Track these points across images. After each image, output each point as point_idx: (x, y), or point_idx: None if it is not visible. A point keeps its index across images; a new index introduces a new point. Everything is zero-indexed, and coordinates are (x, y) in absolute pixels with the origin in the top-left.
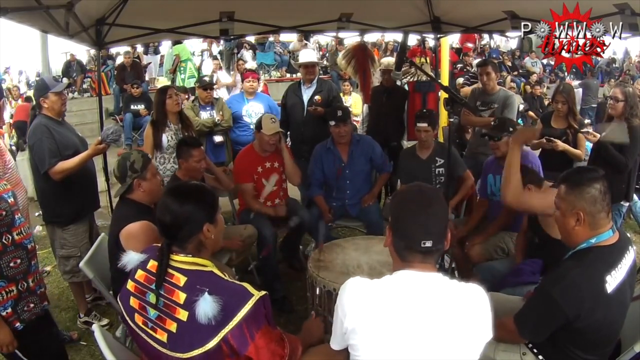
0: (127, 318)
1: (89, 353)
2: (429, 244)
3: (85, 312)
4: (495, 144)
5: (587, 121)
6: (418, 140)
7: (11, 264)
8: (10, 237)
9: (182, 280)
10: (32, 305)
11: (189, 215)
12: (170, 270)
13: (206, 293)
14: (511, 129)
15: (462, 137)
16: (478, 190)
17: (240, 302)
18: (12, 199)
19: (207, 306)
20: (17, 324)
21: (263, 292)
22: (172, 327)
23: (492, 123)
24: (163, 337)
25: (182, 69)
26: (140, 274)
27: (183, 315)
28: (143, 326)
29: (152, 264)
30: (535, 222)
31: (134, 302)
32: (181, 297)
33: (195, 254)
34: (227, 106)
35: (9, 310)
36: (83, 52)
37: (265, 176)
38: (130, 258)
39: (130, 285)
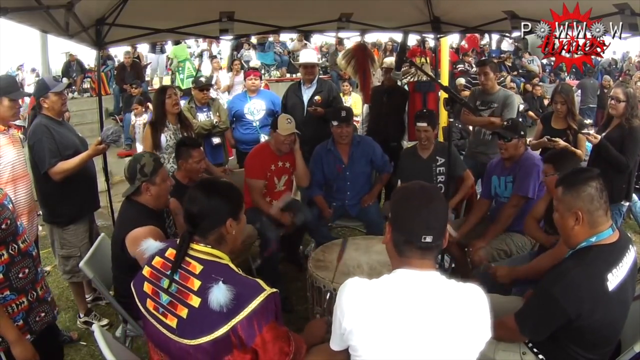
0: (139, 304)
1: (88, 353)
2: (429, 239)
3: (85, 312)
4: (504, 145)
5: (588, 121)
6: (418, 140)
7: (20, 275)
8: (16, 247)
9: (198, 268)
10: (43, 314)
11: (214, 208)
12: (188, 259)
13: (221, 282)
14: (522, 133)
15: (467, 129)
16: (480, 191)
17: (253, 294)
18: (11, 205)
19: (220, 294)
20: (27, 336)
21: (274, 289)
22: (183, 312)
23: (505, 123)
24: (173, 322)
25: (180, 69)
26: (157, 260)
27: (195, 301)
28: (154, 311)
29: (171, 252)
30: (551, 215)
31: (147, 287)
32: (196, 284)
33: (215, 246)
34: (223, 107)
35: (20, 322)
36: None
37: (277, 175)
38: (150, 245)
39: (146, 270)
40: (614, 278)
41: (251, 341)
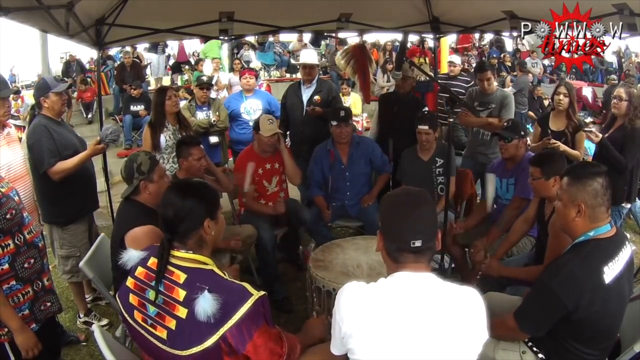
0: (126, 315)
1: (88, 353)
2: (418, 243)
3: (85, 312)
4: (504, 145)
5: (589, 119)
6: (419, 142)
7: (25, 265)
8: (22, 237)
9: (182, 277)
10: (48, 304)
11: (190, 210)
12: (170, 267)
13: (206, 291)
14: (522, 133)
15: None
16: (480, 192)
17: (240, 301)
18: (17, 197)
19: (206, 304)
20: (33, 325)
21: (262, 292)
22: (172, 324)
23: (505, 124)
24: (163, 334)
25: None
26: (140, 271)
27: (182, 312)
28: (142, 323)
29: (153, 262)
30: (542, 218)
31: (133, 299)
32: (181, 294)
33: (196, 250)
34: (223, 106)
35: (26, 311)
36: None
37: (267, 177)
38: (131, 255)
39: (129, 282)
40: (610, 271)
41: (242, 348)
